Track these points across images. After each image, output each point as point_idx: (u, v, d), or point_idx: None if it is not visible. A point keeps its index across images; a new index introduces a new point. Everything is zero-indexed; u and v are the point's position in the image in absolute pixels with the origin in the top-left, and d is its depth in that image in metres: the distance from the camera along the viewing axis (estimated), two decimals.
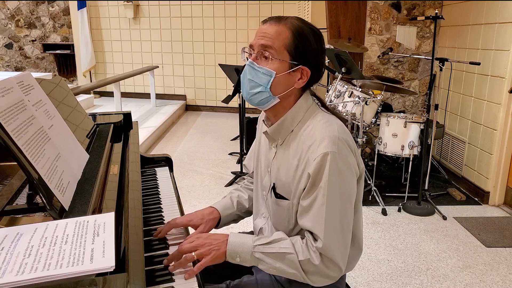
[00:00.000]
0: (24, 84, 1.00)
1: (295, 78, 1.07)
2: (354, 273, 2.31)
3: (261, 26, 1.08)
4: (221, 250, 1.04)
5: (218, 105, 6.88)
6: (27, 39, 7.71)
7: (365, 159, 3.94)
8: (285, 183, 1.10)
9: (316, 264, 1.00)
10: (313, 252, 1.01)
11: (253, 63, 1.07)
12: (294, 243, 1.03)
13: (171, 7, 6.72)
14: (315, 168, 1.00)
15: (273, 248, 1.03)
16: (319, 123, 1.06)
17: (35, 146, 0.88)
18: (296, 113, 1.10)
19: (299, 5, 5.95)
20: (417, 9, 3.92)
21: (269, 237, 1.06)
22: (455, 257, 2.50)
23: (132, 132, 1.63)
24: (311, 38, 1.06)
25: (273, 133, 1.13)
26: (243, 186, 1.42)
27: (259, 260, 1.04)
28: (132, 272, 0.77)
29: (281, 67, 1.05)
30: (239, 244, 1.05)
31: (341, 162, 1.00)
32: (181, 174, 3.88)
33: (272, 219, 1.19)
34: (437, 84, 3.95)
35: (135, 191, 1.13)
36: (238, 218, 1.36)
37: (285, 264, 1.02)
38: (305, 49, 1.05)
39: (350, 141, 1.05)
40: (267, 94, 1.07)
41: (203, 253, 1.02)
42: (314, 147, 1.02)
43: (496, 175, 3.20)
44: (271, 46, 1.04)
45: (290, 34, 1.04)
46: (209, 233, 1.12)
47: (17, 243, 0.73)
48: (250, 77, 1.08)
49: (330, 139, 1.00)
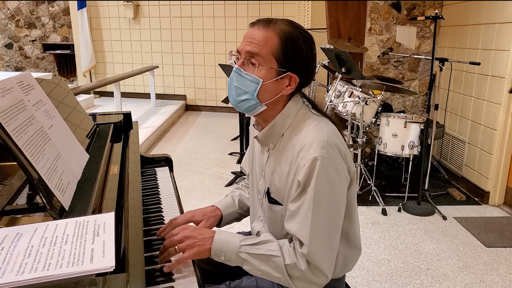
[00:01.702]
0: (24, 84, 1.00)
1: (283, 85, 1.04)
2: (354, 273, 2.31)
3: (248, 30, 1.04)
4: (205, 246, 1.02)
5: (218, 105, 6.88)
6: (27, 39, 7.72)
7: (365, 159, 3.94)
8: (279, 189, 1.09)
9: (302, 270, 0.98)
10: (300, 257, 0.98)
11: (239, 70, 1.04)
12: (281, 246, 1.02)
13: (171, 7, 6.72)
14: (304, 174, 0.98)
15: (260, 250, 1.02)
16: (308, 126, 1.04)
17: (35, 146, 0.88)
18: (286, 117, 1.08)
19: (299, 5, 5.95)
20: (417, 9, 3.92)
21: (257, 238, 1.04)
22: (455, 257, 2.50)
23: (132, 132, 1.63)
24: (300, 43, 1.02)
25: (263, 138, 1.12)
26: (244, 185, 1.42)
27: (244, 260, 1.02)
28: (132, 272, 0.77)
29: (269, 74, 1.02)
30: (225, 242, 1.03)
31: (330, 167, 0.98)
32: (181, 174, 3.88)
33: (268, 224, 1.19)
34: (437, 84, 3.95)
35: (135, 191, 1.13)
36: (240, 217, 1.36)
37: (270, 267, 1.00)
38: (294, 56, 1.02)
39: (340, 145, 1.03)
40: (254, 102, 1.05)
41: (186, 246, 1.01)
42: (303, 153, 1.00)
43: (496, 175, 3.20)
44: (258, 53, 1.01)
45: (278, 41, 1.00)
46: (196, 226, 1.11)
47: (17, 243, 0.73)
48: (236, 84, 1.05)
49: (319, 144, 0.98)
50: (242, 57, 1.04)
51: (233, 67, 1.08)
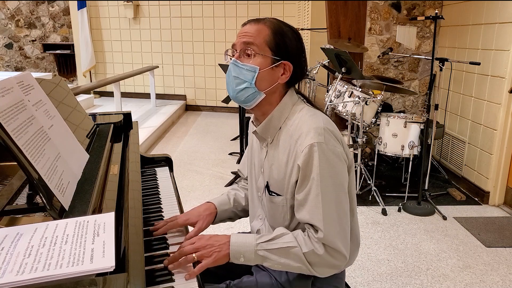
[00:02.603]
0: (24, 84, 1.00)
1: (278, 73, 1.09)
2: (354, 273, 2.31)
3: (241, 28, 1.11)
4: (223, 252, 1.04)
5: (218, 105, 6.88)
6: (27, 39, 7.72)
7: (365, 159, 3.94)
8: (278, 180, 1.11)
9: (321, 254, 1.01)
10: (316, 243, 1.01)
11: (236, 61, 1.09)
12: (296, 236, 1.04)
13: (171, 7, 6.72)
14: (304, 159, 1.01)
15: (276, 244, 1.04)
16: (304, 116, 1.08)
17: (35, 146, 0.88)
18: (283, 110, 1.12)
19: (299, 5, 5.95)
20: (417, 9, 3.92)
21: (271, 234, 1.06)
22: (455, 257, 2.50)
23: (132, 132, 1.63)
24: (290, 35, 1.09)
25: (262, 132, 1.15)
26: (240, 186, 1.43)
27: (264, 257, 1.04)
28: (132, 272, 0.77)
29: (264, 62, 1.07)
30: (242, 244, 1.04)
31: (329, 151, 1.02)
32: (181, 174, 3.88)
33: (268, 218, 1.20)
34: (437, 84, 3.95)
35: (135, 191, 1.13)
36: (234, 216, 1.37)
37: (290, 258, 1.02)
38: (285, 45, 1.08)
39: (336, 132, 1.07)
40: (253, 90, 1.09)
41: (204, 254, 1.02)
42: (301, 140, 1.04)
43: (496, 175, 3.20)
44: (253, 43, 1.07)
45: (270, 32, 1.07)
46: (211, 234, 1.12)
47: (17, 243, 0.73)
48: (235, 74, 1.10)
49: (316, 131, 1.02)
50: (238, 49, 1.10)
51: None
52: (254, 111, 1.17)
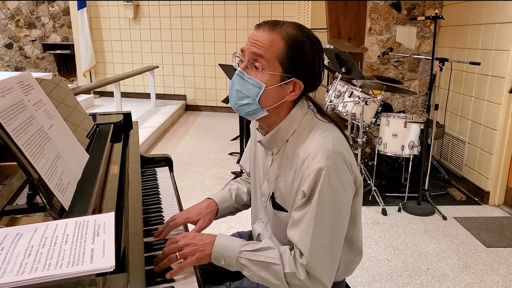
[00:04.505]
0: (24, 84, 1.00)
1: (286, 90, 1.02)
2: (354, 273, 2.31)
3: (254, 32, 1.02)
4: (206, 252, 1.02)
5: (218, 105, 6.87)
6: (27, 39, 7.71)
7: (365, 159, 3.94)
8: (284, 195, 1.09)
9: (301, 279, 0.97)
10: (300, 266, 0.98)
11: (242, 73, 1.01)
12: (282, 254, 1.01)
13: (171, 7, 6.72)
14: (309, 185, 0.96)
15: (260, 256, 1.01)
16: (314, 135, 1.02)
17: (35, 146, 0.88)
18: (291, 123, 1.06)
19: (299, 5, 5.95)
20: (417, 9, 3.91)
21: (257, 244, 1.03)
22: (455, 257, 2.50)
23: (132, 132, 1.63)
24: (307, 48, 1.00)
25: (267, 143, 1.10)
26: (243, 179, 1.41)
27: (244, 266, 1.02)
28: (132, 272, 0.77)
29: (272, 79, 0.99)
30: (226, 247, 1.02)
31: (335, 178, 0.96)
32: (181, 174, 3.88)
33: (272, 228, 1.18)
34: (437, 84, 3.95)
35: (135, 191, 1.13)
36: (235, 211, 1.35)
37: (270, 274, 0.99)
38: (299, 61, 0.99)
39: (346, 154, 1.00)
40: (255, 107, 1.02)
41: (187, 253, 1.01)
42: (308, 162, 0.98)
43: (496, 175, 3.20)
44: (263, 56, 0.98)
45: (284, 45, 0.98)
46: (196, 233, 1.11)
47: (17, 243, 0.73)
48: (238, 88, 1.03)
49: (324, 153, 0.96)
50: (246, 58, 1.02)
51: (235, 68, 1.05)
52: (259, 121, 1.12)
